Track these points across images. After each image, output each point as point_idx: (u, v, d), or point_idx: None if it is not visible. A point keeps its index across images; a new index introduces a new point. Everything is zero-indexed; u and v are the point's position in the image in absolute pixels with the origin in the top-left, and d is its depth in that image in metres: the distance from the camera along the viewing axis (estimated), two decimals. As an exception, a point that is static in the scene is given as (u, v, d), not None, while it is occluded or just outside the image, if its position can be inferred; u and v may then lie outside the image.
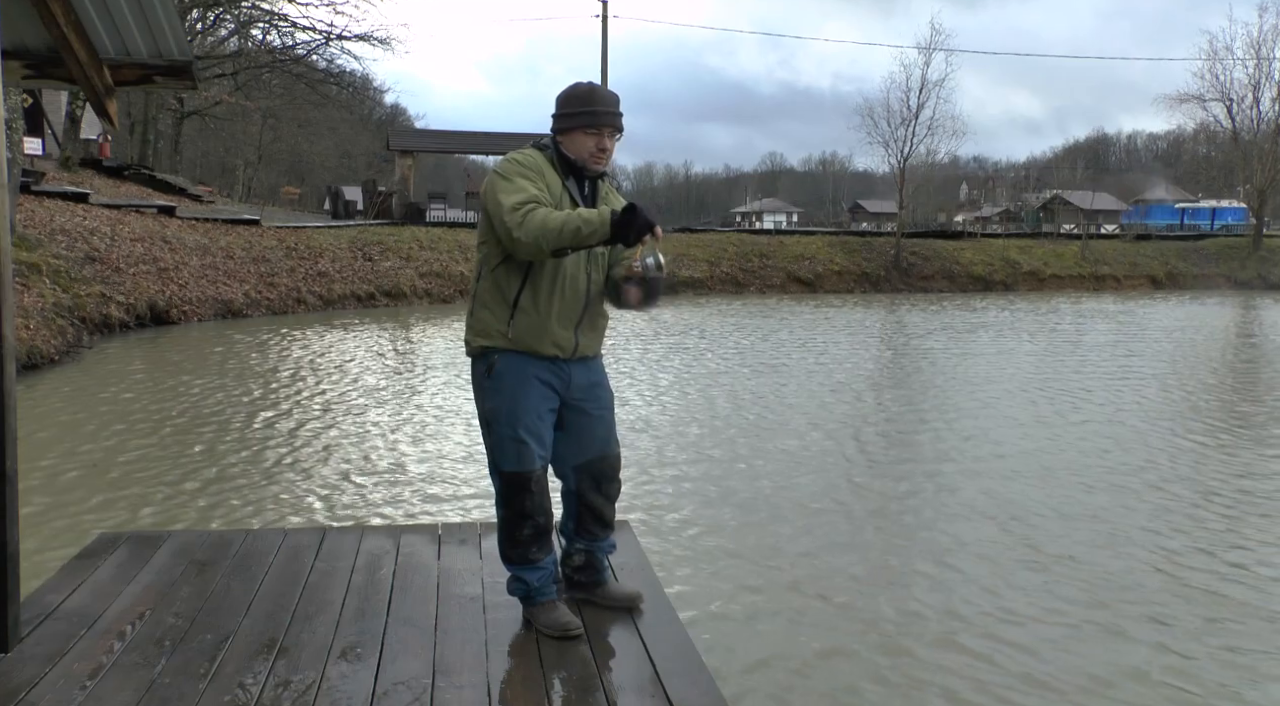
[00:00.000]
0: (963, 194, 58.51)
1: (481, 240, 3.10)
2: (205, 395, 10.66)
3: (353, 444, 8.46)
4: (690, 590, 5.16)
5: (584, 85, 3.14)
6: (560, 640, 3.03)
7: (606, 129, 3.07)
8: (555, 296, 3.03)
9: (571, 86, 3.15)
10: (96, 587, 3.42)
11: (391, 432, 8.94)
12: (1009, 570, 5.55)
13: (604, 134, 3.07)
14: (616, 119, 3.10)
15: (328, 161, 57.29)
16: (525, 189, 2.93)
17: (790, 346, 16.21)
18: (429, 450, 8.27)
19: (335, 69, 38.46)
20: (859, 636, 4.65)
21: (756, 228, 48.40)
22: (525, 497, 3.06)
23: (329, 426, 9.16)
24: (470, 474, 7.49)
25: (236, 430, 8.96)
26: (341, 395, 10.87)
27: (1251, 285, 35.32)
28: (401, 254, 24.40)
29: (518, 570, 3.15)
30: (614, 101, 3.11)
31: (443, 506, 6.66)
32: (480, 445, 3.43)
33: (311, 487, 7.06)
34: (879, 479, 7.62)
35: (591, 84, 3.15)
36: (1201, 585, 5.37)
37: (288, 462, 7.78)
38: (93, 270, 16.55)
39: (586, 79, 3.26)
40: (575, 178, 3.11)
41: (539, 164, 3.06)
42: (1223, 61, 43.04)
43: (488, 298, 3.07)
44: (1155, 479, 7.68)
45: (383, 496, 6.87)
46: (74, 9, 3.68)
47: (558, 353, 3.06)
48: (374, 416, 9.68)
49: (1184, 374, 13.76)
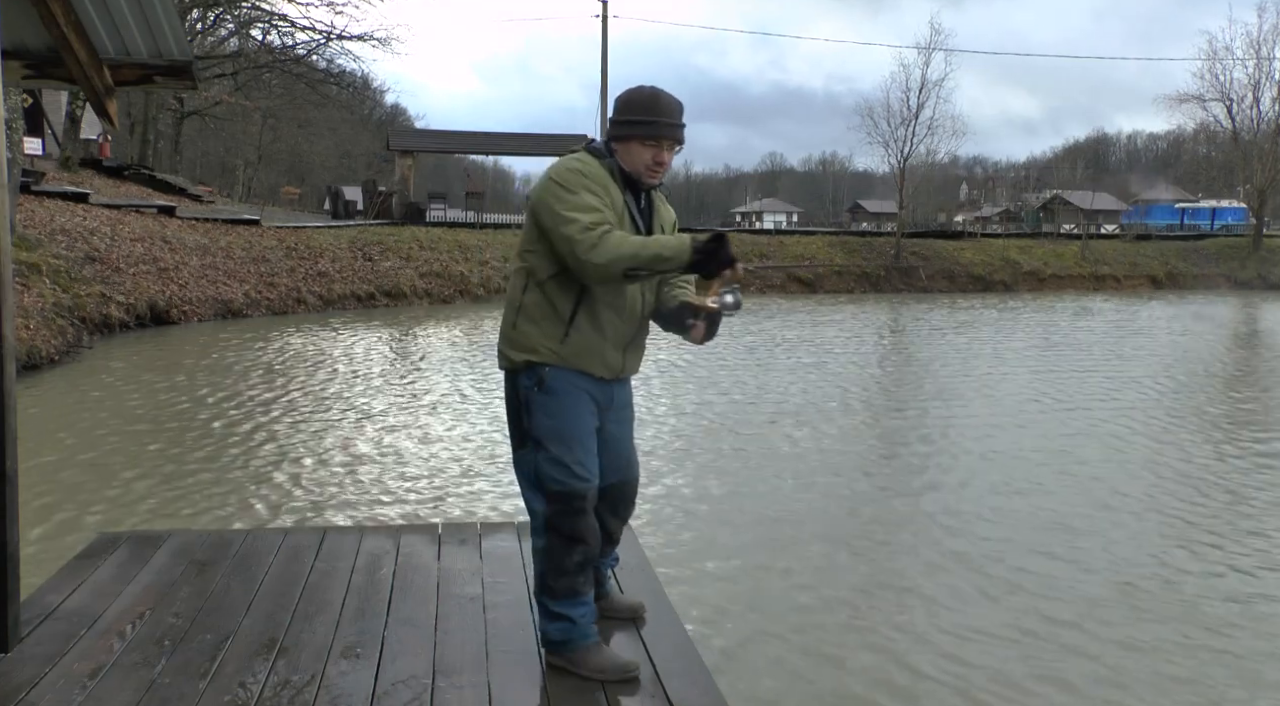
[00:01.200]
0: (963, 194, 58.49)
1: (528, 249, 2.84)
2: (205, 395, 10.66)
3: (354, 443, 8.46)
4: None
5: (646, 91, 2.85)
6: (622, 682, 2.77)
7: (666, 141, 2.82)
8: (613, 316, 2.83)
9: (633, 91, 2.86)
10: (96, 587, 3.42)
11: (392, 432, 8.94)
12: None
13: (663, 146, 2.82)
14: (678, 131, 2.84)
15: (328, 161, 57.28)
16: (593, 206, 2.70)
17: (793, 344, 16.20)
18: (429, 450, 8.27)
19: (335, 69, 38.47)
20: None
21: (756, 228, 48.40)
22: (576, 519, 2.78)
23: (329, 425, 9.16)
24: (471, 475, 7.49)
25: (236, 429, 8.95)
26: (342, 395, 10.87)
27: (1251, 285, 35.31)
28: (401, 254, 24.40)
29: (562, 606, 2.80)
30: (677, 111, 2.84)
31: (443, 506, 6.66)
32: (481, 445, 3.41)
33: (312, 487, 7.06)
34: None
35: (654, 90, 2.85)
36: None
37: (288, 462, 7.78)
38: (93, 270, 16.55)
39: (643, 87, 2.87)
40: (632, 191, 2.87)
41: (602, 176, 2.79)
42: (1222, 61, 43.08)
43: (535, 312, 2.81)
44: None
45: (383, 496, 6.88)
46: (74, 9, 3.68)
47: (605, 373, 2.86)
48: (375, 417, 9.68)
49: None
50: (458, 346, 15.76)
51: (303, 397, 10.64)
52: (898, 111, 34.65)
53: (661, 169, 2.85)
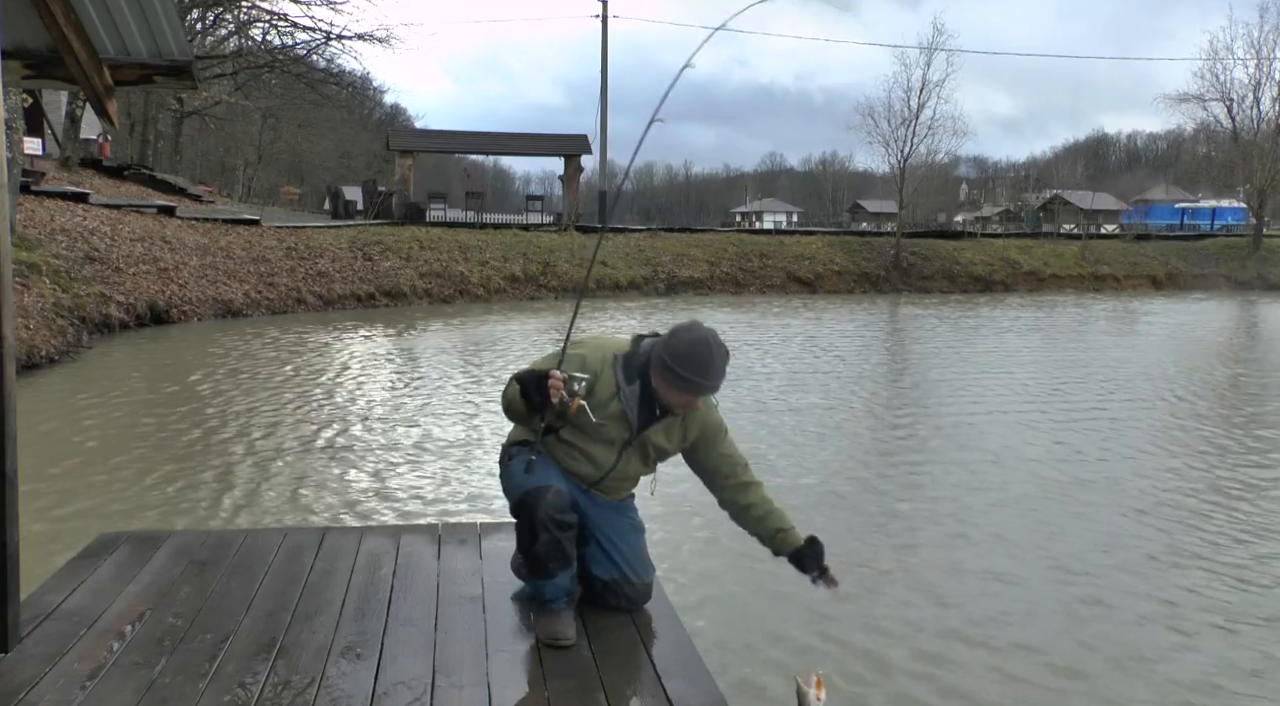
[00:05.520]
0: (963, 194, 58.41)
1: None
2: (205, 394, 10.66)
3: (354, 443, 8.46)
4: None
5: (703, 350, 2.97)
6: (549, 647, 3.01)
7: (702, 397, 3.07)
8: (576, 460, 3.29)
9: (698, 341, 2.98)
10: (96, 587, 3.42)
11: (392, 432, 8.94)
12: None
13: (695, 397, 3.04)
14: (713, 391, 3.06)
15: (328, 161, 57.30)
16: (539, 366, 3.11)
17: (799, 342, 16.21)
18: (430, 449, 8.27)
19: (335, 69, 38.48)
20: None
21: (756, 227, 48.38)
22: (538, 508, 3.04)
23: (330, 425, 9.16)
24: (471, 475, 7.49)
25: (236, 429, 8.95)
26: (342, 394, 10.88)
27: (1251, 285, 35.28)
28: (401, 254, 24.39)
29: (533, 583, 3.18)
30: (719, 373, 3.00)
31: (443, 507, 6.66)
32: (481, 445, 3.44)
33: (312, 486, 7.06)
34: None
35: (710, 352, 2.98)
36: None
37: (289, 461, 7.78)
38: (93, 270, 16.55)
39: (701, 343, 3.00)
40: (643, 397, 3.11)
41: (602, 382, 3.09)
42: (1223, 61, 42.98)
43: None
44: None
45: (383, 495, 6.88)
46: (74, 9, 3.68)
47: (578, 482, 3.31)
48: (375, 417, 9.68)
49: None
50: (458, 346, 15.76)
51: (303, 397, 10.64)
52: (898, 111, 34.63)
53: (689, 408, 3.09)
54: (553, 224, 31.32)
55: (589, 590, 3.28)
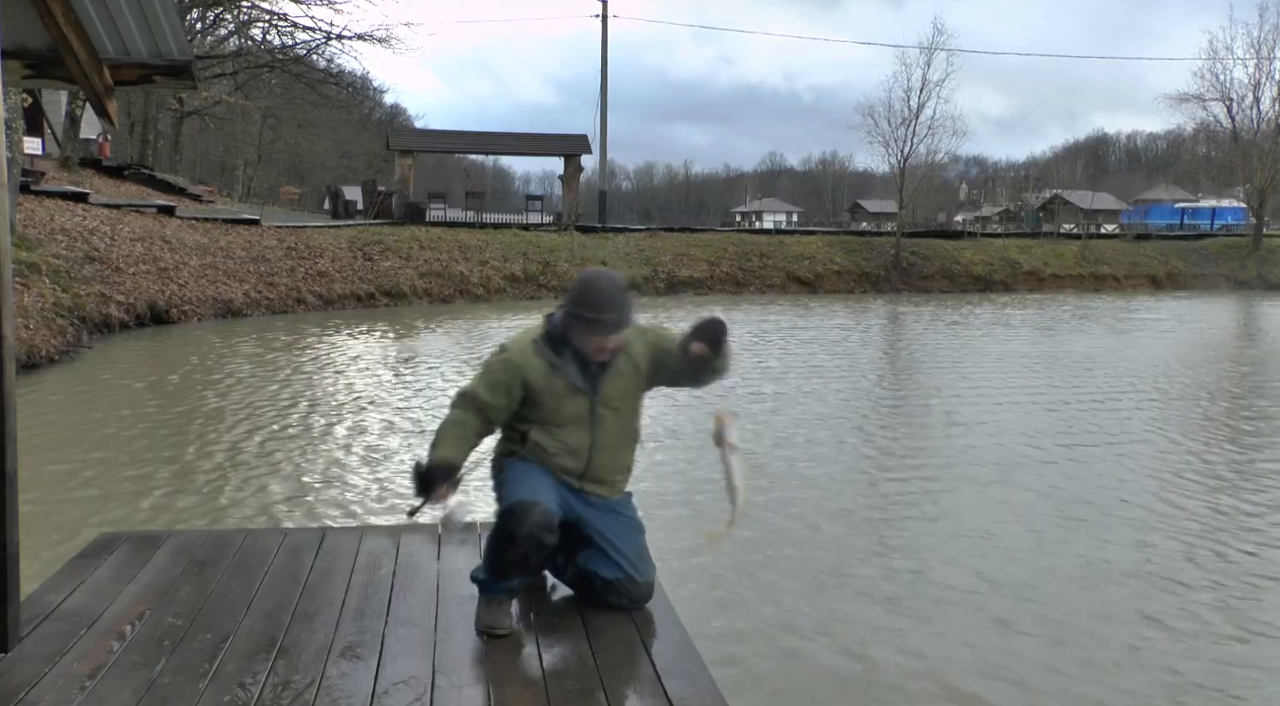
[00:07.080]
0: (962, 194, 58.37)
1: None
2: (205, 394, 10.66)
3: (354, 442, 8.46)
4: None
5: (595, 284, 3.09)
6: (484, 635, 3.06)
7: (610, 334, 3.09)
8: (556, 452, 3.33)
9: (587, 281, 3.11)
10: (96, 587, 3.42)
11: (391, 431, 8.94)
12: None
13: (606, 336, 3.09)
14: (618, 329, 3.09)
15: (328, 161, 57.26)
16: (479, 397, 3.17)
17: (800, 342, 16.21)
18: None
19: (335, 69, 38.46)
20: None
21: (756, 227, 48.35)
22: (523, 524, 3.05)
23: (330, 424, 9.16)
24: (471, 475, 7.48)
25: (236, 428, 8.95)
26: (342, 394, 10.87)
27: (1251, 285, 35.26)
28: (401, 254, 24.39)
29: (487, 580, 3.17)
30: (618, 306, 3.07)
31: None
32: (481, 445, 3.43)
33: (312, 486, 7.06)
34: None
35: (601, 285, 3.09)
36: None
37: (289, 461, 7.78)
38: (93, 270, 16.55)
39: (593, 279, 3.13)
40: (578, 361, 3.15)
41: (529, 372, 3.13)
42: (1222, 61, 43.00)
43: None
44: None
45: (383, 495, 6.87)
46: (74, 9, 3.68)
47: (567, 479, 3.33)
48: (374, 416, 9.68)
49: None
50: (458, 346, 15.76)
51: (303, 396, 10.64)
52: (899, 111, 34.60)
53: (606, 351, 3.13)
54: (553, 224, 31.31)
55: (590, 590, 3.28)
